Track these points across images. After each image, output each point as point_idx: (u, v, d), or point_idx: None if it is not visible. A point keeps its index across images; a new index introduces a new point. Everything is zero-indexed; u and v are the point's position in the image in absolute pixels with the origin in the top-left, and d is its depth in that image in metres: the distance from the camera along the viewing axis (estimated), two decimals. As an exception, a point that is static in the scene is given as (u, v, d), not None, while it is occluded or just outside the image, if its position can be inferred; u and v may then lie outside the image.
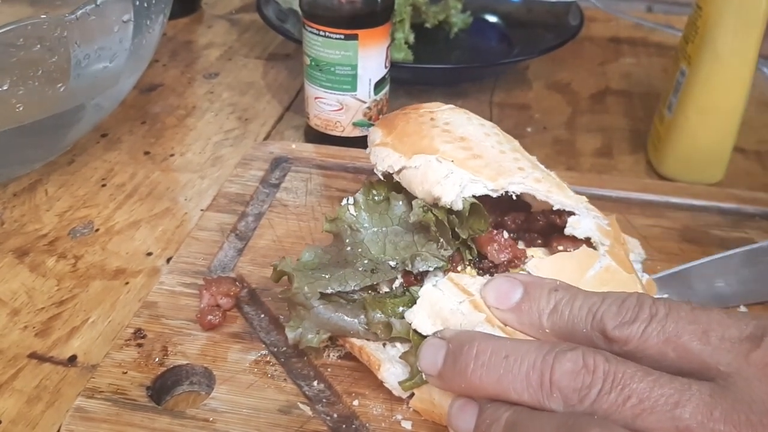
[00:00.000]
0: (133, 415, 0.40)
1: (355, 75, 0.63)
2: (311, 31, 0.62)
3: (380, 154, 0.47)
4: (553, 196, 0.44)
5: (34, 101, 0.54)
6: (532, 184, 0.44)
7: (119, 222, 0.59)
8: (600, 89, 0.84)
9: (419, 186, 0.44)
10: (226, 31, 0.95)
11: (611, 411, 0.31)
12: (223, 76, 0.84)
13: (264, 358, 0.44)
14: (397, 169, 0.46)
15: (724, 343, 0.32)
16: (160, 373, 0.42)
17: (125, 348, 0.44)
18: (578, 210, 0.44)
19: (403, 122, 0.48)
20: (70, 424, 0.39)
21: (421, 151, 0.45)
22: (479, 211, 0.43)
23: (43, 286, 0.52)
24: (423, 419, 0.40)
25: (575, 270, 0.41)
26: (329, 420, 0.40)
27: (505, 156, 0.45)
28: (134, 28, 0.58)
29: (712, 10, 0.59)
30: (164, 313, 0.46)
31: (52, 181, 0.64)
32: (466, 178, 0.43)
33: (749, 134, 0.73)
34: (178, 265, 0.50)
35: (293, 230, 0.55)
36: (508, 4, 0.93)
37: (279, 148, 0.64)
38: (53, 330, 0.49)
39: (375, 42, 0.62)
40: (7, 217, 0.59)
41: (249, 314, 0.47)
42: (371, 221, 0.45)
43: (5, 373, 0.46)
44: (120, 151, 0.69)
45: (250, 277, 0.50)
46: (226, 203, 0.57)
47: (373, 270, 0.43)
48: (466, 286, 0.40)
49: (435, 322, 0.39)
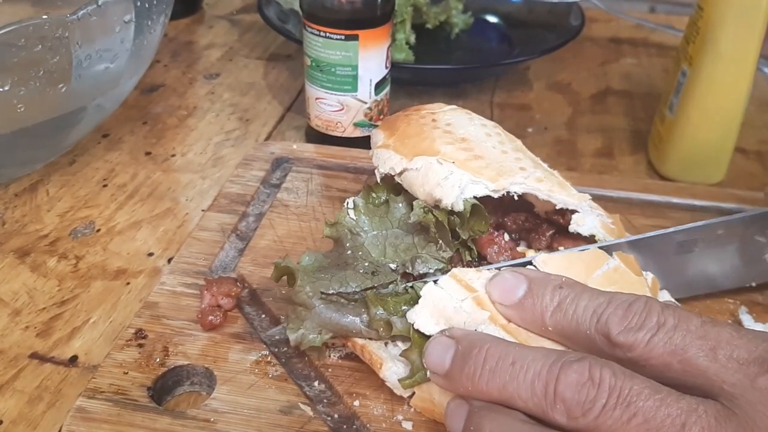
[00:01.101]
0: (134, 416, 0.40)
1: (356, 75, 0.63)
2: (312, 32, 0.62)
3: (382, 156, 0.47)
4: (555, 195, 0.44)
5: (35, 102, 0.54)
6: (533, 184, 0.43)
7: (120, 222, 0.59)
8: (601, 89, 0.84)
9: (420, 188, 0.44)
10: (227, 31, 0.95)
11: (615, 428, 0.30)
12: (224, 77, 0.84)
13: (265, 359, 0.44)
14: (398, 171, 0.46)
15: (731, 363, 0.31)
16: (161, 374, 0.42)
17: (126, 348, 0.44)
18: (581, 208, 0.44)
19: (404, 124, 0.48)
20: (71, 424, 0.39)
21: (422, 152, 0.45)
22: (480, 212, 0.43)
23: (44, 287, 0.52)
24: (424, 420, 0.40)
25: (583, 269, 0.40)
26: (330, 420, 0.40)
27: (506, 156, 0.45)
28: (135, 29, 0.58)
29: (713, 11, 0.59)
30: (165, 314, 0.46)
31: (53, 182, 0.64)
32: (467, 179, 0.43)
33: (750, 134, 0.73)
34: (179, 266, 0.50)
35: (294, 230, 0.55)
36: (509, 5, 0.93)
37: (280, 148, 0.64)
38: (54, 330, 0.49)
39: (375, 42, 0.62)
40: (9, 218, 0.59)
41: (250, 315, 0.47)
42: (371, 224, 0.45)
43: (6, 373, 0.46)
44: (121, 152, 0.69)
45: (251, 277, 0.50)
46: (227, 203, 0.57)
47: (374, 272, 0.43)
48: (470, 282, 0.39)
49: (438, 321, 0.39)
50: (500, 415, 0.33)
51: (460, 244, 0.44)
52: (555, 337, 0.36)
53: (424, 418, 0.40)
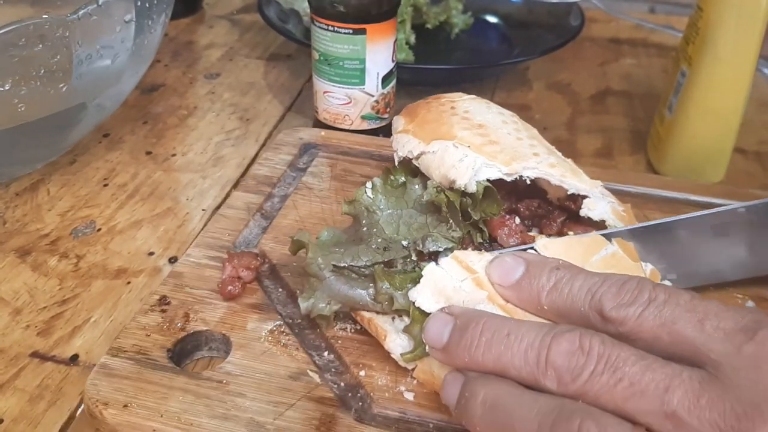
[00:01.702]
0: (153, 374, 0.42)
1: (363, 69, 0.63)
2: (320, 26, 0.63)
3: (401, 140, 0.49)
4: (567, 181, 0.45)
5: (36, 101, 0.54)
6: (546, 169, 0.44)
7: (121, 222, 0.59)
8: (600, 90, 0.84)
9: (436, 170, 0.46)
10: (227, 31, 0.95)
11: (602, 392, 0.31)
12: (224, 77, 0.84)
13: (279, 328, 0.46)
14: (416, 154, 0.47)
15: (717, 332, 0.32)
16: (180, 338, 0.44)
17: (150, 313, 0.46)
18: (593, 194, 0.44)
19: (424, 111, 0.51)
20: (95, 379, 0.41)
21: (439, 137, 0.47)
22: (492, 195, 0.44)
23: (45, 286, 0.52)
24: (425, 392, 0.41)
25: (582, 253, 0.41)
26: (336, 388, 0.42)
27: (521, 143, 0.46)
28: (136, 28, 0.58)
29: (712, 12, 0.59)
30: (189, 283, 0.49)
31: (54, 181, 0.64)
32: (481, 161, 0.44)
33: (749, 135, 0.73)
34: (205, 240, 0.53)
35: (316, 212, 0.57)
36: (509, 5, 0.93)
37: (308, 134, 0.66)
38: (55, 329, 0.49)
39: (383, 36, 0.63)
40: (9, 217, 0.59)
41: (268, 287, 0.49)
42: (387, 204, 0.47)
43: (7, 372, 0.46)
44: (122, 151, 0.69)
45: (272, 253, 0.52)
46: (255, 184, 0.59)
47: (386, 248, 0.44)
48: (471, 264, 0.40)
49: (438, 300, 0.40)
50: (494, 382, 0.34)
51: (472, 226, 0.45)
52: (550, 315, 0.37)
53: (426, 390, 0.41)
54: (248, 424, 0.39)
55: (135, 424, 0.40)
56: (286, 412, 0.40)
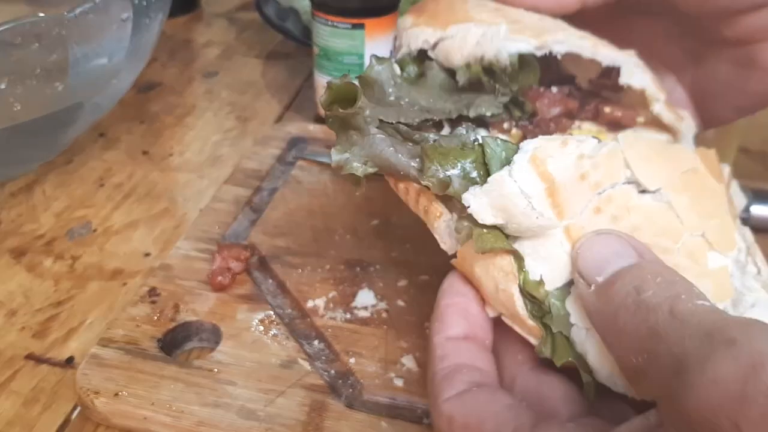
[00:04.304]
0: (143, 364, 0.42)
1: (362, 64, 0.64)
2: (320, 21, 0.63)
3: (412, 34, 0.43)
4: (601, 51, 0.40)
5: (32, 100, 0.54)
6: (576, 41, 0.40)
7: (117, 222, 0.59)
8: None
9: (458, 53, 0.41)
10: (225, 29, 0.95)
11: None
12: (222, 75, 0.83)
13: (269, 318, 0.46)
14: (432, 42, 0.42)
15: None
16: (170, 328, 0.45)
17: (140, 304, 0.46)
18: (629, 64, 0.41)
19: (434, 4, 0.45)
20: (86, 369, 0.42)
21: (456, 21, 0.42)
22: (529, 64, 0.40)
23: (41, 287, 0.52)
24: (415, 378, 0.42)
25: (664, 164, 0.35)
26: (326, 375, 0.42)
27: (545, 21, 0.42)
28: (133, 27, 0.58)
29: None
30: (178, 275, 0.49)
31: (49, 181, 0.63)
32: (506, 31, 0.40)
33: (754, 134, 0.72)
34: (195, 233, 0.53)
35: (305, 205, 0.57)
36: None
37: (297, 128, 0.67)
38: (50, 331, 0.48)
39: (381, 31, 0.63)
40: (4, 217, 0.59)
41: (257, 279, 0.49)
42: (409, 91, 0.40)
43: (2, 374, 0.45)
44: (118, 151, 0.68)
45: (261, 245, 0.52)
46: (244, 178, 0.60)
47: (429, 111, 0.39)
48: (548, 167, 0.33)
49: (496, 215, 0.33)
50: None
51: (510, 102, 0.41)
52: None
53: (415, 376, 0.42)
54: (239, 411, 0.40)
55: (126, 412, 0.40)
56: (277, 399, 0.40)
